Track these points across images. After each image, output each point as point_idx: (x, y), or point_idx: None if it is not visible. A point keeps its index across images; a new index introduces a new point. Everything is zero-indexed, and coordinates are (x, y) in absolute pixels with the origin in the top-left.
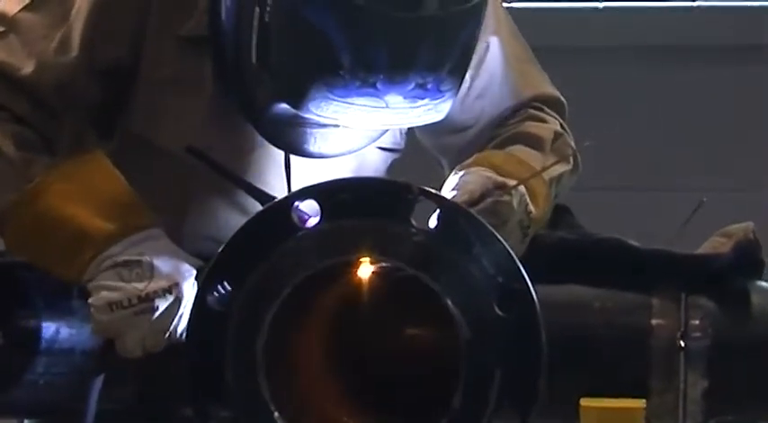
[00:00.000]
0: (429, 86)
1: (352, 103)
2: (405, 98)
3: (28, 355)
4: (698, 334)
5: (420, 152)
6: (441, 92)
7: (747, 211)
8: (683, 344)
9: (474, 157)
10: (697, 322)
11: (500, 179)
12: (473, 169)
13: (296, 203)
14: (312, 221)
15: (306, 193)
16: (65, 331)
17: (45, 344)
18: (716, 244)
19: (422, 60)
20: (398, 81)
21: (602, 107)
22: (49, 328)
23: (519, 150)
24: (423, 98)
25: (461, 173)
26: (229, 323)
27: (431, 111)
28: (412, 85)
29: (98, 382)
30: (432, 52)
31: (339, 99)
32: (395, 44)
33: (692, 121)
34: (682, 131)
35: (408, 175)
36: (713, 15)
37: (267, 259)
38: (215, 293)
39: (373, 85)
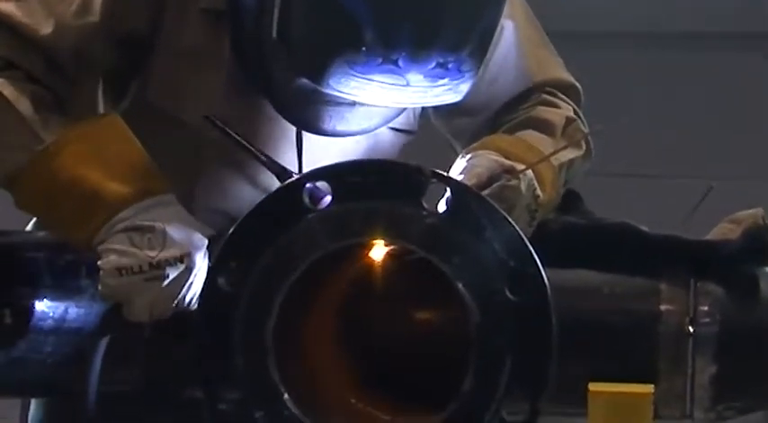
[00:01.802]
0: (450, 66)
1: (373, 80)
2: (425, 77)
3: (36, 334)
4: (706, 320)
5: (433, 135)
6: (461, 72)
7: (756, 198)
8: (691, 329)
9: (481, 140)
10: (706, 308)
11: (508, 163)
12: (480, 152)
13: (307, 185)
14: (325, 200)
15: (317, 174)
16: (73, 311)
17: (53, 323)
18: (725, 230)
19: (444, 39)
20: (420, 59)
21: (610, 93)
22: (57, 308)
23: (528, 135)
24: (443, 78)
25: (468, 156)
26: (240, 304)
27: (450, 91)
28: (433, 64)
29: (98, 360)
30: (454, 32)
31: (360, 75)
32: (418, 22)
33: (700, 108)
34: (690, 118)
35: (421, 158)
36: (721, 2)
37: (278, 241)
38: (226, 274)
39: (395, 63)
